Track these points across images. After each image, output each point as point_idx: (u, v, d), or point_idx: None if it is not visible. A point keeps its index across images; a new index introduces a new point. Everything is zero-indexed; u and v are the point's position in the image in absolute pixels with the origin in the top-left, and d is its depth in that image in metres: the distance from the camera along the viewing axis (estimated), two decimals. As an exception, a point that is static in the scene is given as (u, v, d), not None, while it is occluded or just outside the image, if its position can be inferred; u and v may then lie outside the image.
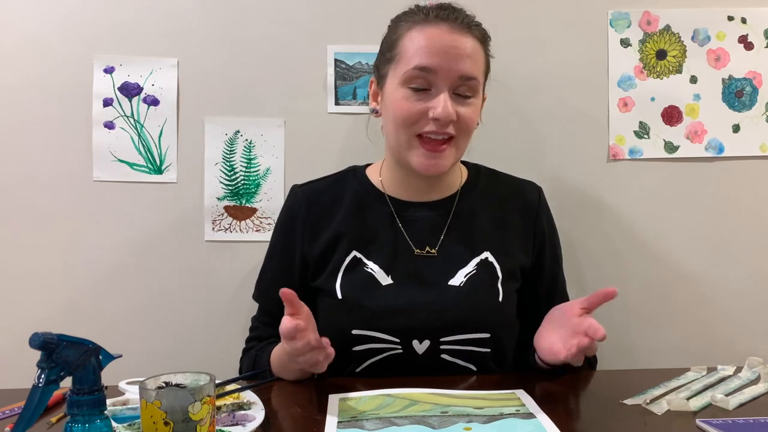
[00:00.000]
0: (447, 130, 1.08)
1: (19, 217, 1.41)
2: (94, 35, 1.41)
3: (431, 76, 1.07)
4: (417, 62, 1.07)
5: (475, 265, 1.14)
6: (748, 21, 1.45)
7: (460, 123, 1.08)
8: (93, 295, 1.43)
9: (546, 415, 0.87)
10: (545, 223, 1.22)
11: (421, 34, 1.08)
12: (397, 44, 1.11)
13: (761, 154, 1.47)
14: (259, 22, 1.43)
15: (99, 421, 0.72)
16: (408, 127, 1.09)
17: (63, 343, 0.70)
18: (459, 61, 1.07)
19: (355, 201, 1.20)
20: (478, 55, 1.11)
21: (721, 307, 1.48)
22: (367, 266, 1.13)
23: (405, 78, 1.08)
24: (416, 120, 1.08)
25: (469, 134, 1.12)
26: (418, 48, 1.08)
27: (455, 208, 1.18)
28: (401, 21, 1.13)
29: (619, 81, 1.45)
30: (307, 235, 1.18)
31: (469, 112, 1.09)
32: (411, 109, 1.08)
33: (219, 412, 0.90)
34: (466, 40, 1.09)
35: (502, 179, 1.26)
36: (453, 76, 1.07)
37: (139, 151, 1.43)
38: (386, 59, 1.13)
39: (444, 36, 1.07)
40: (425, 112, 1.07)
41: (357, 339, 1.09)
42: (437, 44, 1.07)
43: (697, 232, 1.48)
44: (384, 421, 0.85)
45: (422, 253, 1.15)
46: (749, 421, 0.86)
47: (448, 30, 1.08)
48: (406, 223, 1.17)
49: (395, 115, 1.10)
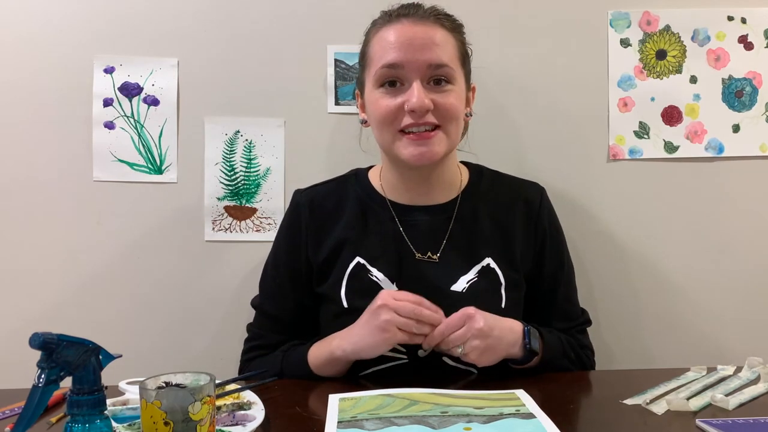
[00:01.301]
0: (427, 120, 1.07)
1: (19, 217, 1.41)
2: (94, 35, 1.41)
3: (400, 71, 1.08)
4: (384, 60, 1.08)
5: (476, 272, 1.14)
6: (748, 21, 1.45)
7: (439, 110, 1.08)
8: (93, 294, 1.43)
9: (546, 415, 0.87)
10: (546, 223, 1.21)
11: (384, 34, 1.10)
12: (367, 50, 1.14)
13: (761, 154, 1.47)
14: (259, 22, 1.43)
15: (99, 421, 0.72)
16: (389, 124, 1.09)
17: (63, 343, 0.70)
18: (425, 50, 1.07)
19: (358, 206, 1.19)
20: (447, 43, 1.10)
21: (721, 307, 1.48)
22: (371, 273, 1.13)
23: (376, 78, 1.09)
24: (395, 116, 1.08)
25: (455, 121, 1.11)
26: (383, 47, 1.09)
27: (456, 213, 1.18)
28: (370, 29, 1.15)
29: (619, 81, 1.45)
30: (311, 240, 1.18)
31: (447, 98, 1.09)
32: (387, 106, 1.08)
33: (219, 412, 0.90)
34: (430, 29, 1.09)
35: (505, 181, 1.25)
36: (421, 66, 1.07)
37: (139, 151, 1.43)
38: (362, 67, 1.16)
39: (406, 29, 1.08)
40: (401, 106, 1.08)
41: None
42: (400, 39, 1.08)
43: (696, 232, 1.48)
44: (384, 421, 0.85)
45: (424, 258, 1.14)
46: (749, 421, 0.86)
47: (410, 23, 1.09)
48: (408, 228, 1.16)
49: (375, 117, 1.11)
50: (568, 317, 1.21)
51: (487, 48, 1.34)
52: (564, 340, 1.16)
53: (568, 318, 1.21)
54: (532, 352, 1.06)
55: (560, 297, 1.21)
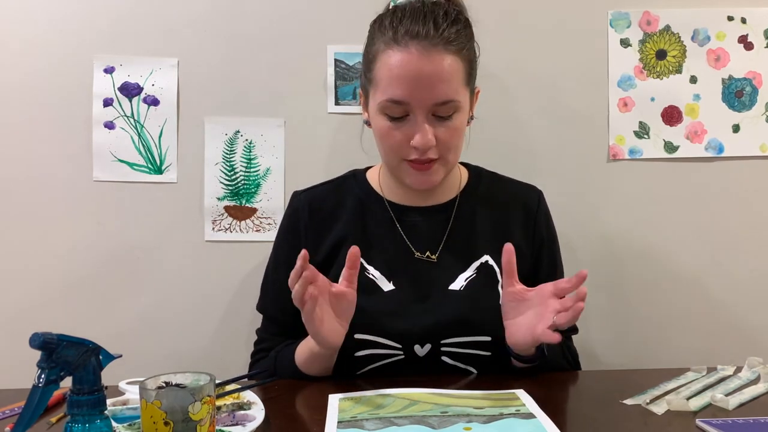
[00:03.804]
0: (429, 155, 1.07)
1: (19, 217, 1.41)
2: (94, 35, 1.41)
3: (405, 106, 1.06)
4: (389, 95, 1.05)
5: (475, 269, 1.14)
6: (748, 21, 1.45)
7: (440, 145, 1.08)
8: (93, 294, 1.43)
9: (546, 415, 0.87)
10: (543, 229, 1.21)
11: (391, 60, 1.05)
12: (373, 65, 1.09)
13: (761, 154, 1.47)
14: (259, 22, 1.43)
15: (99, 421, 0.72)
16: (395, 153, 1.10)
17: (63, 343, 0.70)
18: (431, 89, 1.04)
19: (357, 206, 1.20)
20: (454, 73, 1.05)
21: (721, 306, 1.48)
22: (368, 271, 1.13)
23: (381, 107, 1.08)
24: (399, 147, 1.08)
25: (456, 149, 1.12)
26: (390, 78, 1.05)
27: (455, 213, 1.18)
28: (376, 31, 1.10)
29: (619, 81, 1.45)
30: (311, 239, 1.18)
31: (449, 131, 1.08)
32: (393, 138, 1.08)
33: (219, 412, 0.90)
34: (438, 61, 1.03)
35: (503, 183, 1.25)
36: (427, 104, 1.05)
37: (139, 151, 1.43)
38: (367, 79, 1.12)
39: (413, 63, 1.03)
40: (407, 141, 1.07)
41: (360, 344, 1.08)
42: (407, 74, 1.03)
43: (696, 232, 1.48)
44: (384, 421, 0.85)
45: (422, 257, 1.15)
46: (749, 421, 0.86)
47: (417, 54, 1.03)
48: (407, 228, 1.17)
49: (381, 142, 1.12)
50: None
51: (487, 48, 1.32)
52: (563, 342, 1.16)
53: None
54: (541, 350, 1.06)
55: None
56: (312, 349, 1.06)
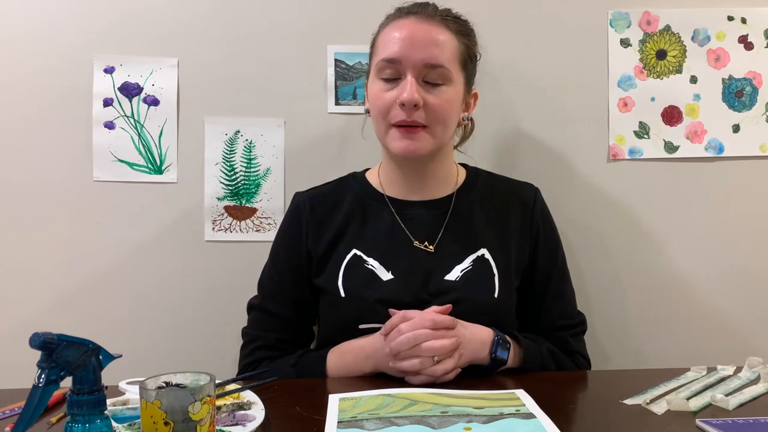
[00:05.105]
0: (415, 118, 1.10)
1: (19, 216, 1.41)
2: (94, 35, 1.41)
3: (398, 65, 1.11)
4: (385, 54, 1.12)
5: (471, 261, 1.16)
6: (748, 21, 1.45)
7: (428, 110, 1.11)
8: (93, 295, 1.43)
9: (546, 415, 0.86)
10: (540, 220, 1.23)
11: (391, 28, 1.14)
12: (375, 42, 1.18)
13: (761, 154, 1.47)
14: (259, 22, 1.43)
15: (99, 421, 0.72)
16: (384, 117, 1.13)
17: (63, 343, 0.70)
18: (423, 48, 1.10)
19: (356, 202, 1.22)
20: (448, 44, 1.12)
21: (721, 307, 1.48)
22: (367, 263, 1.16)
23: (377, 69, 1.14)
24: (389, 109, 1.12)
25: (444, 123, 1.13)
26: (387, 40, 1.13)
27: (453, 207, 1.20)
28: (383, 21, 1.19)
29: (619, 81, 1.45)
30: (312, 233, 1.20)
31: (438, 99, 1.11)
32: (384, 98, 1.12)
33: (219, 412, 0.90)
34: (433, 28, 1.12)
35: (500, 180, 1.28)
36: (417, 63, 1.10)
37: (139, 151, 1.43)
38: (369, 58, 1.20)
39: (410, 26, 1.12)
40: (395, 100, 1.11)
41: (364, 333, 1.11)
42: (403, 34, 1.12)
43: (696, 232, 1.48)
44: (384, 421, 0.85)
45: (420, 247, 1.16)
46: (749, 421, 0.86)
47: (415, 21, 1.13)
48: (405, 220, 1.19)
49: (373, 107, 1.16)
50: (561, 315, 1.22)
51: (487, 48, 1.33)
52: (546, 351, 1.16)
53: (562, 316, 1.22)
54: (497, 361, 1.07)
55: (551, 292, 1.22)
56: (363, 370, 1.08)
